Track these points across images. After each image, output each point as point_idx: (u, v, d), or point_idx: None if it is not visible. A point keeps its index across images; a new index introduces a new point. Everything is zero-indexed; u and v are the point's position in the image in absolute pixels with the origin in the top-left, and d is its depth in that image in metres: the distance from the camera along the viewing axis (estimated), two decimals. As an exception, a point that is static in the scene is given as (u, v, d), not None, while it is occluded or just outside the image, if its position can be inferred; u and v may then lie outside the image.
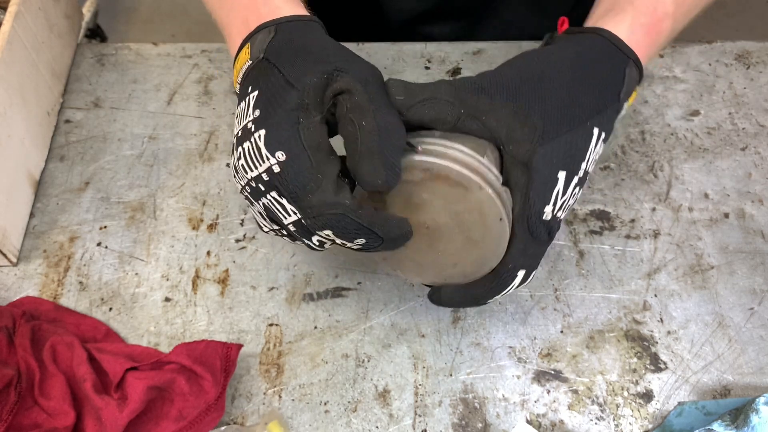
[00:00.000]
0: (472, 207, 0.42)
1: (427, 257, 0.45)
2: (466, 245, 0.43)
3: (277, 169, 0.39)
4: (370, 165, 0.38)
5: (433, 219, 0.43)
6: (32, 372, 0.50)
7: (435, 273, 0.47)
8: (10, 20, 0.58)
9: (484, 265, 0.44)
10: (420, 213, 0.43)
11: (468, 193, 0.41)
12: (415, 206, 0.42)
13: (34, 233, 0.60)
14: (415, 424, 0.51)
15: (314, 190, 0.39)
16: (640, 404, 0.52)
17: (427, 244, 0.44)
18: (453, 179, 0.41)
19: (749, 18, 1.89)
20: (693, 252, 0.60)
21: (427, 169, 0.41)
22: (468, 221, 0.42)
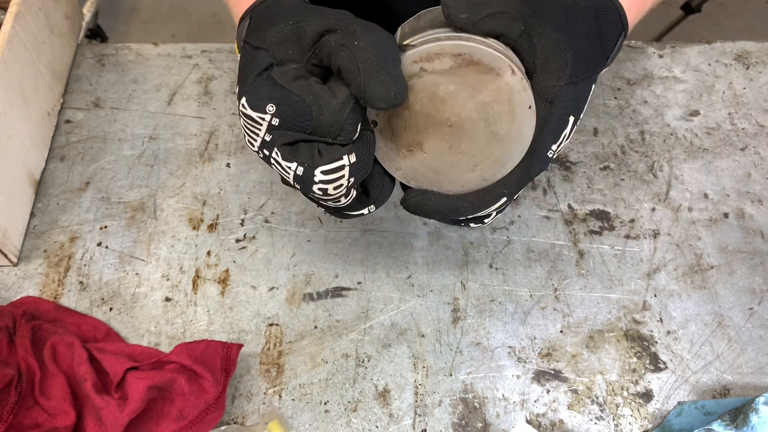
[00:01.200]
0: (501, 96, 0.40)
1: (447, 160, 0.43)
2: (490, 142, 0.42)
3: (276, 122, 0.39)
4: (377, 81, 0.37)
5: (458, 114, 0.41)
6: (33, 372, 0.50)
7: (453, 179, 0.44)
8: (10, 20, 0.58)
9: (506, 164, 0.43)
10: (444, 109, 0.41)
11: (499, 79, 0.40)
12: (440, 101, 0.41)
13: (35, 233, 0.60)
14: (415, 424, 0.51)
15: (320, 110, 0.38)
16: (640, 404, 0.52)
17: (448, 145, 0.42)
18: (485, 64, 0.39)
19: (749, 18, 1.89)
20: (692, 252, 0.60)
21: (459, 53, 0.39)
22: (495, 113, 0.41)
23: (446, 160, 0.43)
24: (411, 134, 0.42)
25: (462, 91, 0.40)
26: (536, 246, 0.60)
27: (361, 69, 0.37)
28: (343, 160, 0.39)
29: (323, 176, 0.40)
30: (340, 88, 0.38)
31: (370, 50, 0.37)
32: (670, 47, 0.74)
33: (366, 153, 0.41)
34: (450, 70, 0.40)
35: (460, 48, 0.39)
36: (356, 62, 0.37)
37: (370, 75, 0.37)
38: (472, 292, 0.58)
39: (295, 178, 0.40)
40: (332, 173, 0.40)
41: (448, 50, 0.39)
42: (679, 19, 1.52)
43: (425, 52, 0.39)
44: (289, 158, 0.40)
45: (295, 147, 0.40)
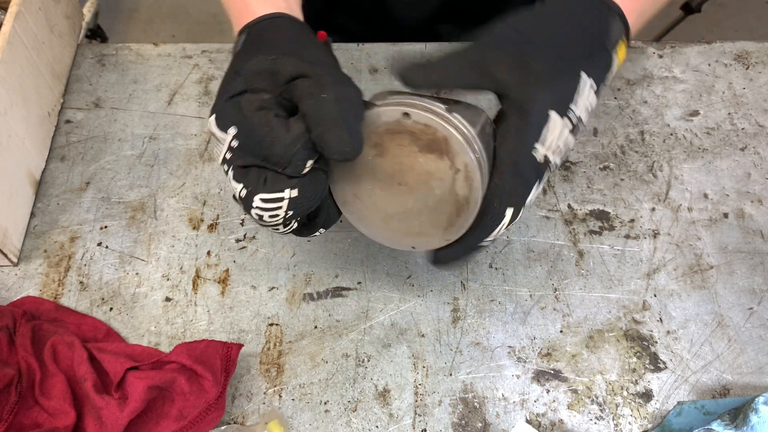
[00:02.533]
0: (445, 182, 0.43)
1: (394, 215, 0.46)
2: (432, 212, 0.44)
3: (235, 144, 0.41)
4: (335, 135, 0.39)
5: (408, 178, 0.43)
6: (33, 372, 0.50)
7: (399, 234, 0.47)
8: (10, 20, 0.58)
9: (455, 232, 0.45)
10: (396, 170, 0.44)
11: (452, 161, 0.42)
12: (395, 162, 0.43)
13: (35, 233, 0.60)
14: (415, 424, 0.51)
15: (272, 141, 0.40)
16: (640, 404, 0.53)
17: (398, 201, 0.45)
18: (442, 141, 0.41)
19: (749, 18, 1.89)
20: (692, 252, 0.60)
21: (424, 124, 0.41)
22: (438, 194, 0.43)
23: (394, 214, 0.46)
24: (365, 181, 0.45)
25: (418, 157, 0.43)
26: (536, 246, 0.60)
27: (322, 121, 0.39)
28: (284, 193, 0.41)
29: (261, 203, 0.42)
30: (296, 126, 0.40)
31: (334, 104, 0.39)
32: (670, 47, 0.74)
33: (311, 191, 0.42)
34: (410, 139, 0.42)
35: (420, 118, 0.41)
36: (319, 114, 0.39)
37: (329, 128, 0.39)
38: (472, 292, 0.58)
39: (238, 198, 0.43)
40: (270, 203, 0.42)
41: (409, 123, 0.42)
42: (679, 19, 1.52)
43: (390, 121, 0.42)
44: (238, 179, 0.42)
45: (246, 170, 0.42)
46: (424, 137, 0.42)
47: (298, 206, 0.42)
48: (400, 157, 0.43)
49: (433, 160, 0.42)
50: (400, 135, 0.42)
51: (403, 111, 0.41)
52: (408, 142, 0.42)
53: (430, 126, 0.41)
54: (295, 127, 0.40)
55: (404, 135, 0.42)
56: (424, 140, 0.42)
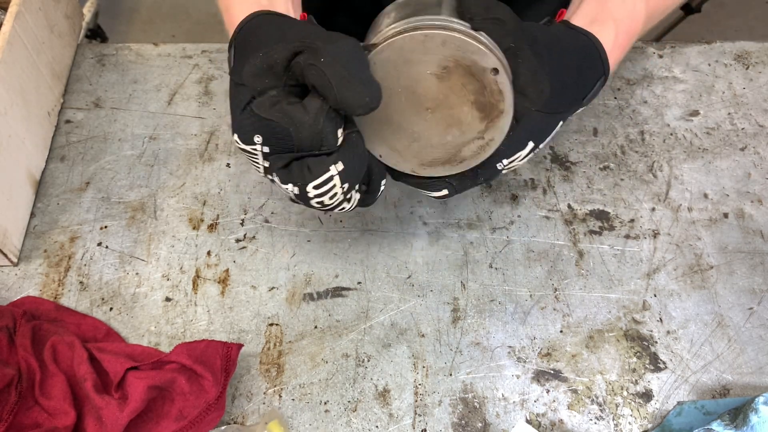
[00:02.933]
0: (478, 83, 0.42)
1: (422, 143, 0.46)
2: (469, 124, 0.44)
3: (266, 150, 0.42)
4: (351, 91, 0.39)
5: (436, 98, 0.43)
6: (33, 372, 0.50)
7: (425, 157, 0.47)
8: (10, 20, 0.58)
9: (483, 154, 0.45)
10: (422, 94, 0.43)
11: (481, 74, 0.41)
12: (419, 87, 0.43)
13: (35, 233, 0.60)
14: (415, 424, 0.51)
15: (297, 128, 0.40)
16: (640, 404, 0.53)
17: (426, 127, 0.45)
18: (469, 57, 0.41)
19: (748, 18, 1.89)
20: (692, 252, 0.60)
21: (444, 41, 0.41)
22: (471, 98, 0.42)
23: (449, 142, 0.45)
24: (393, 120, 0.44)
25: (417, 72, 0.42)
26: (536, 246, 0.60)
27: (333, 83, 0.39)
28: (331, 170, 0.42)
29: (316, 191, 0.42)
30: (311, 102, 0.40)
31: (336, 64, 0.39)
32: (670, 47, 0.74)
33: (355, 156, 0.42)
34: (432, 59, 0.41)
35: (448, 38, 0.40)
36: (326, 78, 0.39)
37: (342, 87, 0.39)
38: (472, 292, 0.58)
39: (294, 197, 0.44)
40: (323, 185, 0.42)
41: (437, 38, 0.40)
42: (679, 19, 1.52)
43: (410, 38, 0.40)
44: (285, 180, 0.43)
45: (288, 168, 0.42)
46: (444, 56, 0.41)
47: (349, 176, 0.42)
48: (420, 82, 0.42)
49: (457, 76, 0.42)
50: (417, 62, 0.41)
51: (421, 34, 0.40)
52: (428, 66, 0.41)
53: (447, 43, 0.40)
54: (311, 104, 0.40)
55: (423, 61, 0.41)
56: (444, 60, 0.41)
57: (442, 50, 0.41)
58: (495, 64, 0.41)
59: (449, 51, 0.41)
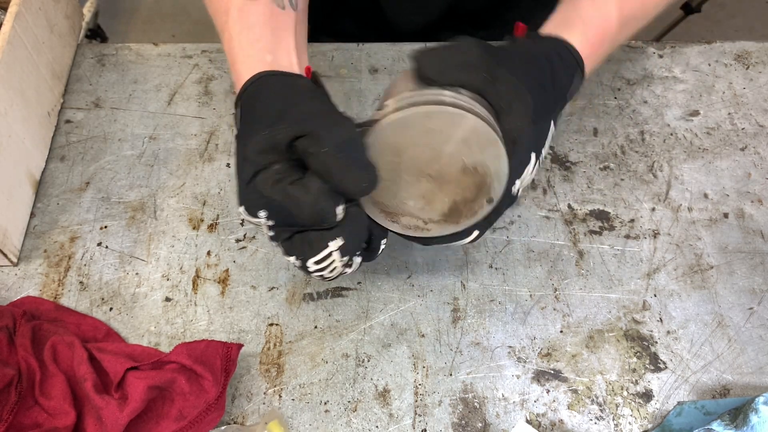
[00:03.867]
0: (469, 141, 0.43)
1: (431, 211, 0.47)
2: (469, 185, 0.45)
3: (270, 223, 0.43)
4: (349, 178, 0.41)
5: (434, 166, 0.44)
6: (33, 372, 0.50)
7: (439, 227, 0.48)
8: (10, 20, 0.58)
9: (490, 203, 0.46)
10: (422, 164, 0.45)
11: (462, 125, 0.42)
12: (417, 159, 0.44)
13: (35, 233, 0.60)
14: (415, 424, 0.51)
15: (298, 209, 0.42)
16: (640, 404, 0.53)
17: (431, 196, 0.46)
18: (446, 117, 0.42)
19: (749, 18, 1.89)
20: (692, 252, 0.60)
21: (426, 113, 0.42)
22: (467, 154, 0.44)
23: (407, 206, 0.47)
24: (390, 175, 0.45)
25: (456, 152, 0.44)
26: (536, 246, 0.60)
27: (333, 171, 0.41)
28: (330, 246, 0.43)
29: (316, 266, 0.44)
30: (311, 182, 0.42)
31: (336, 155, 0.41)
32: (670, 47, 0.74)
33: (354, 230, 0.44)
34: (451, 131, 0.43)
35: (425, 110, 0.42)
36: (326, 168, 0.41)
37: (341, 174, 0.41)
38: (472, 292, 0.58)
39: (296, 267, 0.45)
40: (323, 261, 0.44)
41: (418, 114, 0.42)
42: (679, 19, 1.52)
43: (399, 120, 0.42)
44: (288, 252, 0.45)
45: (291, 241, 0.44)
46: (437, 127, 0.42)
47: (349, 249, 0.44)
48: (419, 153, 0.44)
49: (450, 143, 0.43)
50: (412, 133, 0.43)
51: (423, 111, 0.42)
52: (423, 136, 0.43)
53: (436, 114, 0.42)
54: (312, 184, 0.41)
55: (419, 131, 0.43)
56: (437, 130, 0.43)
57: (455, 134, 0.43)
58: (496, 195, 0.45)
59: (489, 160, 0.43)
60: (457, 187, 0.45)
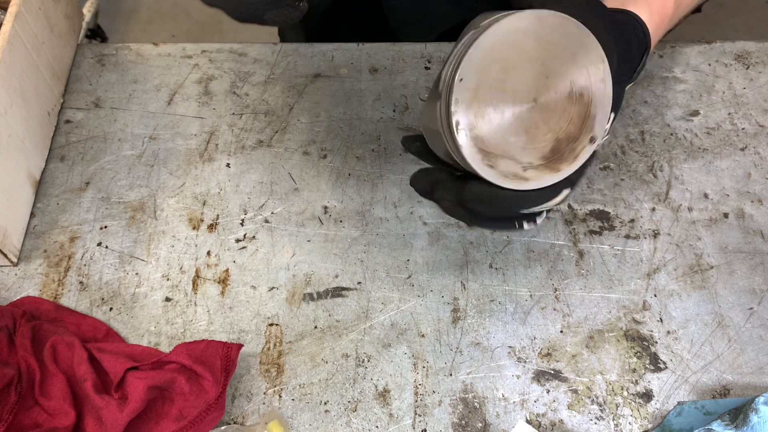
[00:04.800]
0: (585, 74, 0.41)
1: (533, 154, 0.42)
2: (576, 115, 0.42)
3: None
4: None
5: (541, 93, 0.41)
6: (33, 372, 0.50)
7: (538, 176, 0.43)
8: (10, 20, 0.58)
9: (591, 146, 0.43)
10: (526, 89, 0.41)
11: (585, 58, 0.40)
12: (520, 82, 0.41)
13: (35, 233, 0.60)
14: (415, 424, 0.51)
15: None
16: (640, 404, 0.53)
17: (534, 133, 0.42)
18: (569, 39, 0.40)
19: (749, 18, 1.89)
20: (692, 252, 0.60)
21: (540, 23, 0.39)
22: (580, 88, 0.41)
23: (509, 142, 0.42)
24: (494, 95, 0.40)
25: (564, 69, 0.40)
26: (536, 246, 0.60)
27: None
28: None
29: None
30: None
31: None
32: (670, 47, 0.74)
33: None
34: (563, 43, 0.40)
35: (538, 14, 0.39)
36: None
37: None
38: (472, 292, 0.58)
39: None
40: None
41: (531, 18, 0.39)
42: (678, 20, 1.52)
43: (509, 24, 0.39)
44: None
45: None
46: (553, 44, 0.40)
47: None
48: (527, 70, 0.40)
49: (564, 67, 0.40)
50: (522, 42, 0.40)
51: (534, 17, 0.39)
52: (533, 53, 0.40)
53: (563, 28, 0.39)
54: None
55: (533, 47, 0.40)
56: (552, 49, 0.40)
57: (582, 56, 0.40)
58: (598, 132, 0.41)
59: (594, 82, 0.40)
60: (562, 119, 0.41)
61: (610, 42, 0.42)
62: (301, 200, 0.63)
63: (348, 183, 0.64)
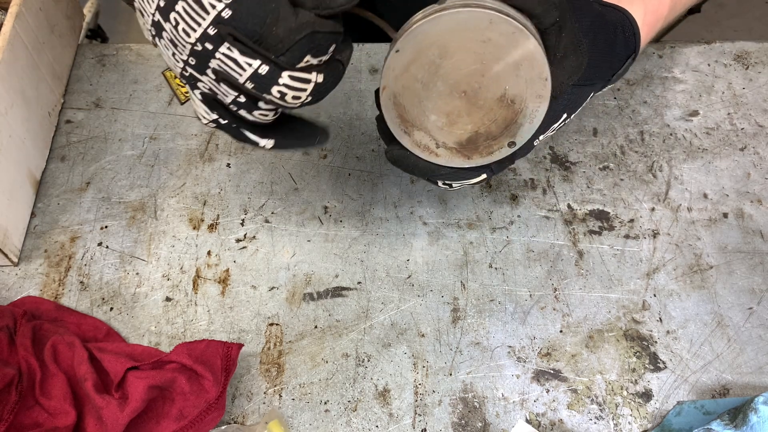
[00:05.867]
0: (518, 67, 0.41)
1: (453, 133, 0.45)
2: (502, 114, 0.43)
3: (227, 13, 0.36)
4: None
5: (470, 83, 0.42)
6: (33, 371, 0.50)
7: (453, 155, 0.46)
8: (10, 21, 0.58)
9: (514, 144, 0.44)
10: (458, 77, 0.42)
11: (519, 48, 0.40)
12: (453, 69, 0.42)
13: (36, 233, 0.60)
14: (415, 424, 0.51)
15: (275, 21, 0.37)
16: (639, 404, 0.53)
17: (457, 116, 0.43)
18: (507, 31, 0.40)
19: (748, 19, 1.89)
20: (692, 252, 0.60)
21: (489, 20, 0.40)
22: (511, 85, 0.42)
23: (427, 118, 0.44)
24: (425, 76, 0.42)
25: (500, 75, 0.41)
26: (536, 246, 0.60)
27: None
28: (312, 75, 0.39)
29: (290, 81, 0.39)
30: (304, 14, 0.37)
31: None
32: (670, 47, 0.74)
33: (332, 80, 0.41)
34: (507, 48, 0.40)
35: (491, 15, 0.39)
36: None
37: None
38: (471, 291, 0.58)
39: (251, 77, 0.38)
40: (298, 82, 0.39)
41: (483, 17, 0.39)
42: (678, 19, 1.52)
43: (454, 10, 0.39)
44: (251, 54, 0.37)
45: (249, 47, 0.38)
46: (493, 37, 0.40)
47: (320, 93, 0.40)
48: (464, 61, 0.41)
49: (501, 63, 0.41)
50: (467, 36, 0.40)
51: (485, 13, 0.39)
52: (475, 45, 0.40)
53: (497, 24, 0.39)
54: (303, 15, 0.37)
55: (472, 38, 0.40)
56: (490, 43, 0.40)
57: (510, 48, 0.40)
58: (520, 140, 0.43)
59: (529, 97, 0.41)
60: (486, 117, 0.43)
61: (583, 47, 0.42)
62: (301, 200, 0.63)
63: (348, 183, 0.64)
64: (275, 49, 0.37)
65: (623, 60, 0.48)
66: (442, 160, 0.46)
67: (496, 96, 0.42)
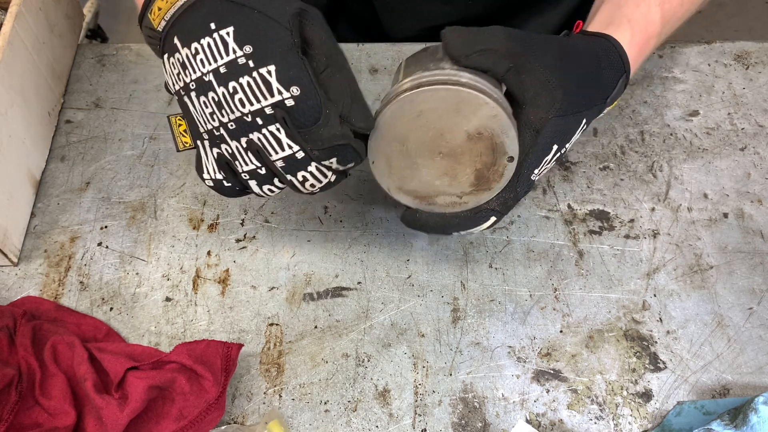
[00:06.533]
0: (484, 134, 0.45)
1: (436, 186, 0.49)
2: (476, 177, 0.48)
3: (290, 103, 0.41)
4: (362, 109, 0.43)
5: (449, 145, 0.46)
6: (33, 371, 0.50)
7: (442, 202, 0.50)
8: (10, 21, 0.58)
9: (489, 195, 0.49)
10: (436, 140, 0.46)
11: (481, 113, 0.44)
12: (433, 133, 0.46)
13: (35, 233, 0.60)
14: (415, 424, 0.51)
15: (324, 124, 0.42)
16: (640, 404, 0.53)
17: (439, 173, 0.48)
18: (470, 102, 0.44)
19: (748, 19, 1.89)
20: (692, 252, 0.60)
21: (447, 87, 0.44)
22: (481, 149, 0.46)
23: (436, 186, 0.49)
24: (405, 162, 0.47)
25: (453, 125, 0.45)
26: (536, 246, 0.60)
27: (351, 97, 0.43)
28: (329, 174, 0.45)
29: (315, 171, 0.44)
30: (346, 128, 0.43)
31: (355, 82, 0.43)
32: (670, 47, 0.74)
33: (336, 184, 0.46)
34: (441, 106, 0.44)
35: (410, 96, 0.44)
36: (346, 91, 0.42)
37: (356, 104, 0.43)
38: (471, 291, 0.58)
39: (287, 158, 0.43)
40: (321, 174, 0.45)
41: (404, 102, 0.44)
42: (678, 20, 1.52)
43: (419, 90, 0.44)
44: (295, 140, 0.42)
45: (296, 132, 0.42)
46: (481, 125, 0.45)
47: (324, 188, 0.46)
48: (420, 136, 0.46)
49: (482, 145, 0.45)
50: (405, 121, 0.45)
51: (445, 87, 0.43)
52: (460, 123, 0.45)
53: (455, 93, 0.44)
54: (344, 126, 0.43)
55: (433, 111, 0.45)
56: (481, 127, 0.45)
57: (475, 115, 0.44)
58: (513, 152, 0.45)
59: (486, 121, 0.44)
60: (472, 155, 0.46)
61: (552, 81, 0.45)
62: (301, 200, 0.63)
63: (348, 183, 0.64)
64: (314, 144, 0.42)
65: (614, 82, 0.49)
66: (472, 203, 0.50)
67: (464, 138, 0.46)
